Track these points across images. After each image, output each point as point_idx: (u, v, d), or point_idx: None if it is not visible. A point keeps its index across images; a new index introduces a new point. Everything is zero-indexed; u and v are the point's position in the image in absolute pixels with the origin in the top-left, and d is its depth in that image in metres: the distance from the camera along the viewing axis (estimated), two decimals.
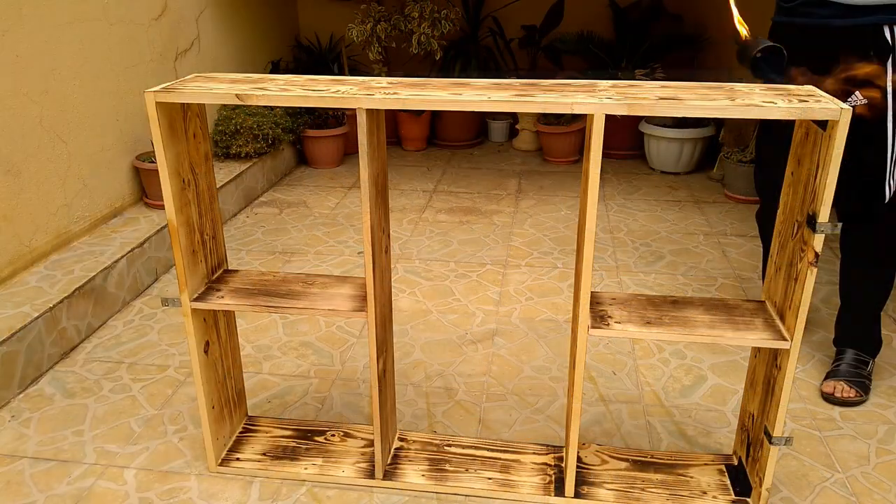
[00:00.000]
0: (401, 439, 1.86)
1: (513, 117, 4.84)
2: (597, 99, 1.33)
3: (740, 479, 1.70)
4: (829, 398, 2.06)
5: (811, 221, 1.36)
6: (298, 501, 1.69)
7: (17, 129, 2.43)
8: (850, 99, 1.85)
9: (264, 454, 1.81)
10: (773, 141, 2.11)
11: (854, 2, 1.82)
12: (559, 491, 1.68)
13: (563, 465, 1.73)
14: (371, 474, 1.74)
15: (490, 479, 1.73)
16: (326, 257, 3.07)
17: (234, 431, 1.88)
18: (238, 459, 1.80)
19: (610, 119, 1.42)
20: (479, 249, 3.13)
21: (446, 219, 3.51)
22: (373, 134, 1.46)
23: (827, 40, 1.90)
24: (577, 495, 1.67)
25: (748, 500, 1.65)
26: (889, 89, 1.83)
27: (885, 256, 2.04)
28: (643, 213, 3.57)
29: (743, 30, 1.74)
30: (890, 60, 1.82)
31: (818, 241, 1.35)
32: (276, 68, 4.50)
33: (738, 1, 1.79)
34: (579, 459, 1.77)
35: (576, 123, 4.35)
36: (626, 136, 4.40)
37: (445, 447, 1.84)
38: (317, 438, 1.86)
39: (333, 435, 1.88)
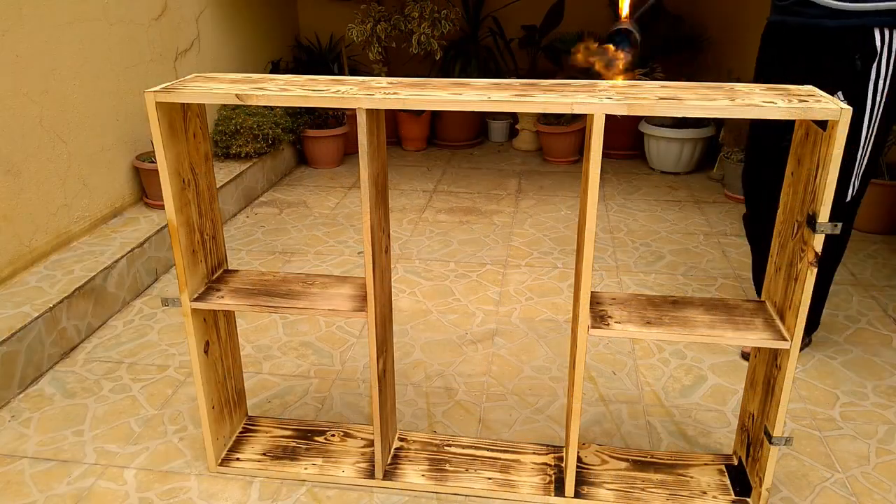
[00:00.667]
0: (401, 439, 1.86)
1: (513, 117, 4.84)
2: (597, 99, 1.33)
3: (740, 479, 1.70)
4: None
5: (811, 221, 1.36)
6: (298, 501, 1.69)
7: (17, 129, 2.43)
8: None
9: (264, 454, 1.81)
10: (761, 145, 2.14)
11: (840, 7, 1.85)
12: (559, 491, 1.68)
13: (563, 465, 1.73)
14: (371, 474, 1.74)
15: (490, 479, 1.73)
16: (326, 257, 3.07)
17: (234, 431, 1.88)
18: (238, 459, 1.80)
19: (610, 119, 1.42)
20: (479, 249, 3.14)
21: (446, 219, 3.51)
22: (373, 134, 1.46)
23: (817, 41, 1.93)
24: (577, 495, 1.67)
25: (748, 500, 1.65)
26: (870, 92, 1.87)
27: (833, 249, 2.13)
28: (643, 213, 3.57)
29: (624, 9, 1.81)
30: (874, 64, 1.84)
31: (818, 241, 1.35)
32: (276, 68, 4.50)
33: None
34: (579, 459, 1.77)
35: (576, 123, 4.35)
36: (626, 136, 4.40)
37: (445, 447, 1.84)
38: (317, 438, 1.86)
39: (333, 435, 1.88)
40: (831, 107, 1.27)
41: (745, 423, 1.71)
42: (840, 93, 1.88)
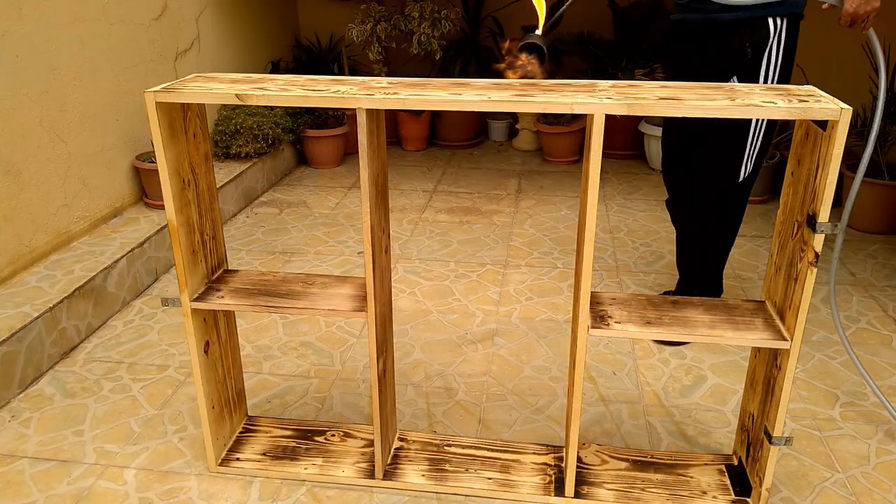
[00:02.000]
0: (401, 439, 1.86)
1: (513, 117, 4.84)
2: (597, 99, 1.33)
3: (740, 479, 1.70)
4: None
5: (811, 221, 1.36)
6: (298, 501, 1.69)
7: (17, 129, 2.43)
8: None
9: (264, 454, 1.81)
10: (676, 135, 2.31)
11: (734, 1, 1.95)
12: (559, 491, 1.68)
13: (563, 465, 1.73)
14: (371, 474, 1.74)
15: (490, 479, 1.73)
16: (326, 257, 3.07)
17: (234, 431, 1.88)
18: (238, 459, 1.80)
19: (610, 119, 1.42)
20: (478, 249, 3.13)
21: (446, 219, 3.51)
22: (373, 134, 1.46)
23: (713, 33, 2.05)
24: (577, 495, 1.67)
25: (748, 500, 1.65)
26: (761, 78, 2.00)
27: (730, 218, 2.25)
28: (643, 213, 3.57)
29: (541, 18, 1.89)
30: (765, 52, 1.97)
31: (818, 241, 1.35)
32: (276, 68, 4.50)
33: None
34: (579, 459, 1.77)
35: (576, 123, 4.35)
36: (626, 136, 4.40)
37: (445, 447, 1.84)
38: (317, 438, 1.86)
39: (333, 435, 1.88)
40: (831, 107, 1.27)
41: (745, 423, 1.71)
42: (735, 77, 2.02)
